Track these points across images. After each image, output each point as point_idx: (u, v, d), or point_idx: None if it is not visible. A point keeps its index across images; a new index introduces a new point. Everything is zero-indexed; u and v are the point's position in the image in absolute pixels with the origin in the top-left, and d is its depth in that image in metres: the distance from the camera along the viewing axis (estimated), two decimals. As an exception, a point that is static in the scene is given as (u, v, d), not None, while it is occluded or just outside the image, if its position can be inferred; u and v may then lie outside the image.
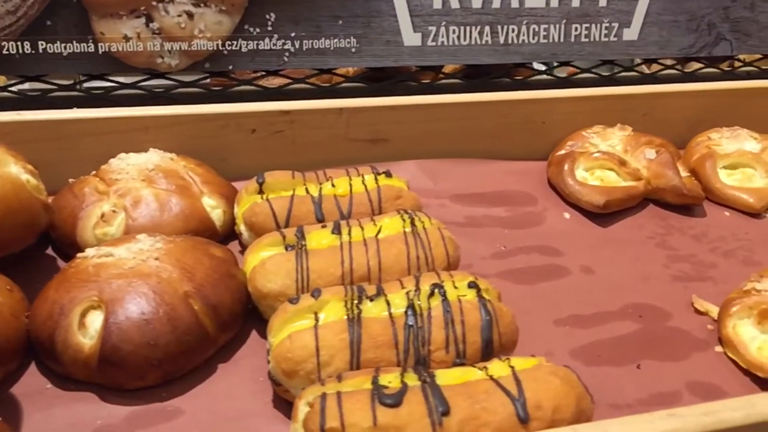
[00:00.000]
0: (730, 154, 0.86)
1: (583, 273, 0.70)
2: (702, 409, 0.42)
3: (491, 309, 0.53)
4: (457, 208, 0.80)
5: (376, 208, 0.68)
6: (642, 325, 0.63)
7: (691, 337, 0.62)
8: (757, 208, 0.81)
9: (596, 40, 0.98)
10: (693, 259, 0.73)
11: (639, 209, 0.82)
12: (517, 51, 0.96)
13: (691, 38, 1.03)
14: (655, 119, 0.94)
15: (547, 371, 0.45)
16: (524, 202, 0.81)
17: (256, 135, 0.80)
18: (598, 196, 0.78)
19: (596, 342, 0.60)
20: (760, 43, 1.06)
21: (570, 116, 0.90)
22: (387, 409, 0.41)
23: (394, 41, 0.90)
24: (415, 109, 0.85)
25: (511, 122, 0.89)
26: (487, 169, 0.86)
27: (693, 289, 0.67)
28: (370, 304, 0.52)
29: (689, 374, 0.57)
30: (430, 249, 0.60)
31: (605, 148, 0.86)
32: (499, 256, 0.72)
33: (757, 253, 0.74)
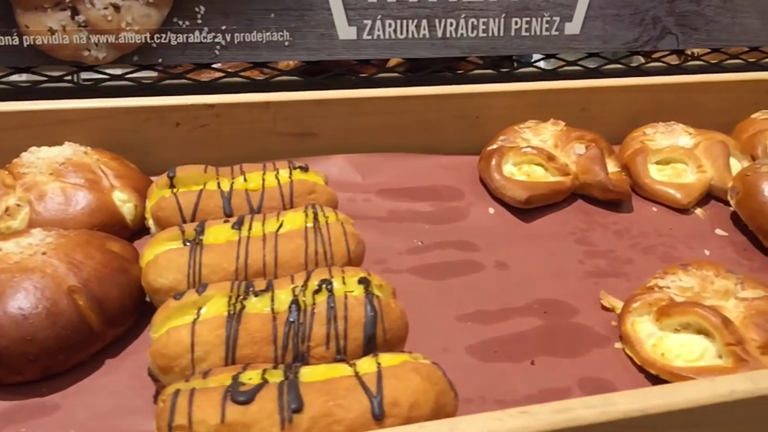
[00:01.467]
0: (662, 150, 0.86)
1: (496, 268, 0.70)
2: (555, 406, 0.42)
3: (377, 305, 0.53)
4: (382, 202, 0.79)
5: (287, 202, 0.68)
6: (545, 321, 0.63)
7: (593, 334, 0.62)
8: (684, 204, 0.81)
9: (537, 34, 0.97)
10: (610, 255, 0.73)
11: (566, 204, 0.81)
12: (455, 45, 0.95)
13: (635, 32, 1.02)
14: (593, 114, 0.93)
15: (409, 368, 0.45)
16: (451, 197, 0.81)
17: (180, 128, 0.80)
18: (520, 191, 0.78)
19: (496, 338, 0.60)
20: (708, 37, 1.06)
21: (505, 111, 0.90)
22: (237, 406, 0.41)
23: (328, 35, 0.90)
24: (344, 104, 0.84)
25: (444, 116, 0.89)
26: (419, 164, 0.86)
27: (605, 285, 0.67)
28: (255, 299, 0.52)
29: (583, 370, 0.57)
30: (330, 245, 0.60)
31: (537, 143, 0.85)
32: (415, 251, 0.71)
33: (677, 249, 0.74)
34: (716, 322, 0.56)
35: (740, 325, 0.57)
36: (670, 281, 0.62)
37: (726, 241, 0.76)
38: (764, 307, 0.58)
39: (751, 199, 0.75)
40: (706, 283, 0.61)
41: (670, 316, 0.58)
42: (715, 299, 0.60)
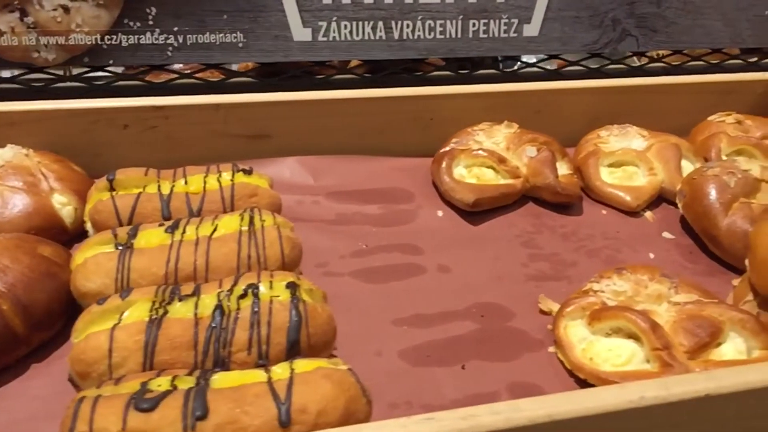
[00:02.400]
0: (614, 152, 0.86)
1: (438, 272, 0.70)
2: (461, 413, 0.42)
3: (303, 310, 0.53)
4: (330, 205, 0.79)
5: (228, 206, 0.67)
6: (481, 325, 0.63)
7: (528, 338, 0.62)
8: (632, 207, 0.81)
9: (495, 36, 0.97)
10: (554, 258, 0.73)
11: (516, 207, 0.82)
12: (412, 47, 0.95)
13: (594, 34, 1.02)
14: (549, 116, 0.93)
15: (321, 375, 0.45)
16: (401, 200, 0.81)
17: (129, 130, 0.79)
18: (468, 194, 0.78)
19: (430, 342, 0.60)
20: (668, 39, 1.06)
21: (460, 113, 0.90)
22: (139, 413, 0.41)
23: (282, 36, 0.90)
24: (298, 105, 0.84)
25: (398, 119, 0.88)
26: (372, 166, 0.86)
27: (546, 289, 0.67)
28: (179, 304, 0.52)
29: (514, 375, 0.57)
30: (264, 248, 0.60)
31: (489, 146, 0.85)
32: (359, 254, 0.71)
33: (623, 253, 0.74)
34: (644, 326, 0.56)
35: (670, 330, 0.58)
36: (605, 285, 0.62)
37: (672, 244, 0.76)
38: (695, 311, 0.58)
39: (696, 203, 0.75)
40: (640, 287, 0.61)
41: (601, 321, 0.59)
42: (647, 303, 0.60)
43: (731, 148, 0.89)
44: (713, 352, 0.57)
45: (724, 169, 0.75)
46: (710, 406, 0.45)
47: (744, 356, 0.57)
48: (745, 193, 0.74)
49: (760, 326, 0.57)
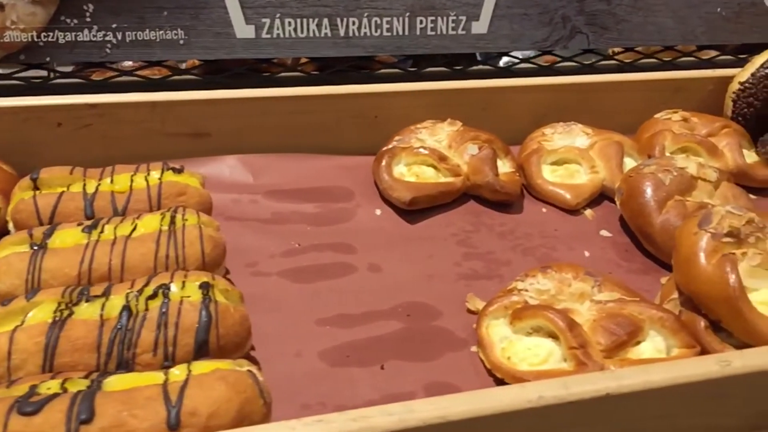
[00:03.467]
0: (557, 150, 0.86)
1: (369, 271, 0.69)
2: (353, 414, 0.41)
3: (213, 310, 0.52)
4: (268, 203, 0.78)
5: (155, 205, 0.67)
6: (406, 325, 0.62)
7: (452, 337, 0.61)
8: (572, 205, 0.80)
9: (443, 33, 0.97)
10: (489, 257, 0.72)
11: (457, 205, 0.81)
12: (359, 44, 0.95)
13: (544, 31, 1.02)
14: (496, 114, 0.93)
15: (216, 377, 0.44)
16: (340, 198, 0.81)
17: (62, 129, 0.78)
18: (405, 193, 0.77)
19: (352, 342, 0.60)
20: (619, 36, 1.06)
21: (405, 110, 0.89)
22: (21, 417, 0.40)
23: (225, 33, 0.89)
24: (237, 103, 0.83)
25: (342, 116, 0.88)
26: (314, 165, 0.85)
27: (476, 288, 0.67)
28: (86, 305, 0.51)
29: (433, 375, 0.57)
30: (183, 248, 0.59)
31: (432, 144, 0.85)
32: (290, 253, 0.71)
33: (558, 251, 0.74)
34: (561, 325, 0.56)
35: (589, 328, 0.57)
36: (529, 284, 0.61)
37: (609, 242, 0.76)
38: (615, 310, 0.58)
39: (632, 200, 0.75)
40: (564, 285, 0.61)
41: (521, 320, 0.58)
42: (570, 302, 0.60)
43: (676, 146, 0.89)
44: (631, 351, 0.56)
45: (660, 166, 0.75)
46: (612, 405, 0.45)
47: (663, 354, 0.56)
48: (681, 191, 0.74)
49: (679, 324, 0.57)
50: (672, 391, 0.46)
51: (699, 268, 0.57)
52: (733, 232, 0.58)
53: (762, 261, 0.56)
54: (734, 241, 0.58)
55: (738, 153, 0.88)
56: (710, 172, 0.75)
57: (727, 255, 0.57)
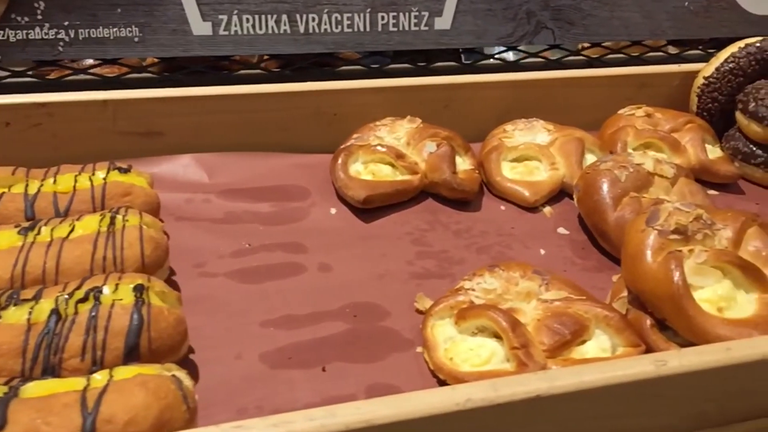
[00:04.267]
0: (517, 147, 0.85)
1: (318, 271, 0.68)
2: (274, 419, 0.40)
3: (146, 313, 0.51)
4: (221, 203, 0.77)
5: (98, 205, 0.65)
6: (352, 326, 0.61)
7: (398, 338, 0.60)
8: (530, 202, 0.79)
9: (405, 29, 0.96)
10: (442, 256, 0.71)
11: (414, 204, 0.80)
12: (319, 41, 0.94)
13: (509, 27, 1.01)
14: (458, 110, 0.92)
15: (137, 382, 0.43)
16: (295, 197, 0.79)
17: (11, 128, 0.77)
18: (359, 191, 0.76)
19: (295, 344, 0.59)
20: (585, 32, 1.05)
21: (365, 108, 0.88)
22: (-72, 425, 0.39)
23: (181, 30, 0.87)
24: (191, 102, 0.82)
25: (300, 114, 0.87)
26: (271, 163, 0.84)
27: (427, 287, 0.66)
28: (13, 309, 0.50)
29: (376, 376, 0.56)
30: (122, 250, 0.58)
31: (391, 141, 0.84)
32: (240, 254, 0.70)
33: (514, 249, 0.73)
34: (503, 325, 0.55)
35: (534, 328, 0.56)
36: (476, 283, 0.60)
37: (566, 240, 0.75)
38: (561, 309, 0.57)
39: (587, 197, 0.74)
40: (510, 284, 0.60)
41: (466, 320, 0.57)
42: (516, 301, 0.59)
43: (638, 142, 0.88)
44: (575, 350, 0.56)
45: (617, 163, 0.74)
46: (543, 407, 0.44)
47: (608, 354, 0.56)
48: (637, 188, 0.73)
49: (624, 323, 0.56)
50: (606, 392, 0.45)
51: (645, 265, 0.57)
52: (679, 229, 0.58)
53: (708, 258, 0.56)
54: (681, 238, 0.57)
55: (700, 148, 0.87)
56: (667, 169, 0.75)
57: (673, 252, 0.56)
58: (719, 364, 0.47)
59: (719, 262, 0.56)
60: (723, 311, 0.54)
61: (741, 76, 0.92)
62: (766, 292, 0.55)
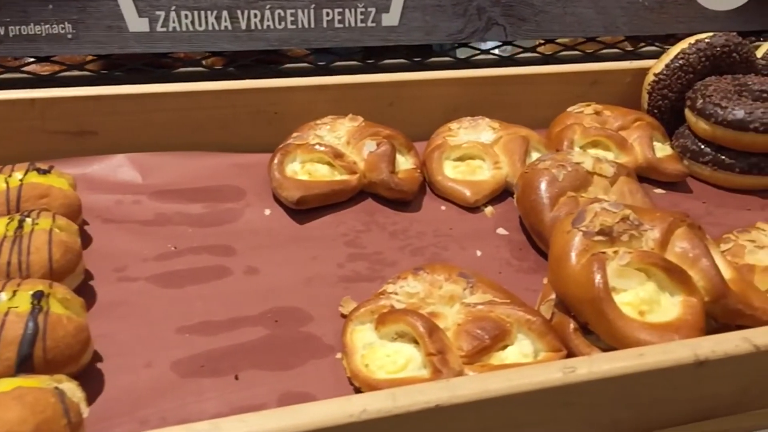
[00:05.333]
0: (460, 146, 0.83)
1: (245, 275, 0.66)
2: None
3: (42, 322, 0.49)
4: (152, 204, 0.75)
5: (13, 208, 0.63)
6: (272, 332, 0.59)
7: (319, 344, 0.59)
8: (470, 202, 0.78)
9: (352, 25, 0.94)
10: (375, 258, 0.70)
11: (352, 204, 0.78)
12: (261, 37, 0.91)
13: (459, 23, 0.99)
14: (404, 108, 0.90)
15: (13, 396, 0.41)
16: (230, 198, 0.77)
17: (-66, 128, 0.75)
18: (294, 191, 0.74)
19: (209, 351, 0.57)
20: (538, 28, 1.03)
21: (307, 106, 0.86)
22: None
23: (117, 27, 0.85)
24: (125, 100, 0.80)
25: (240, 112, 0.85)
26: (208, 163, 0.82)
27: (355, 291, 0.64)
28: None
29: (291, 384, 0.54)
30: (28, 255, 0.56)
31: (331, 140, 0.82)
32: (164, 257, 0.67)
33: (449, 250, 0.71)
34: (420, 330, 0.53)
35: (454, 333, 0.55)
36: (399, 287, 0.59)
37: (504, 240, 0.74)
38: (483, 313, 0.56)
39: (525, 197, 0.72)
40: (434, 288, 0.58)
41: (385, 325, 0.55)
42: (439, 305, 0.57)
43: (585, 140, 0.87)
44: (495, 356, 0.54)
45: (555, 162, 0.73)
46: (445, 417, 0.42)
47: (529, 359, 0.54)
48: (575, 187, 0.71)
49: (546, 327, 0.55)
50: (511, 401, 0.43)
51: (568, 268, 0.55)
52: (604, 231, 0.56)
53: (632, 260, 0.54)
54: (606, 239, 0.56)
55: (648, 147, 0.86)
56: (606, 168, 0.73)
57: (597, 254, 0.55)
58: (632, 371, 0.45)
59: (643, 264, 0.54)
60: (645, 315, 0.52)
61: (691, 72, 0.91)
62: (691, 294, 0.54)
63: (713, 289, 0.54)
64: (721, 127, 0.83)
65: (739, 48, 0.92)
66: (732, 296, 0.54)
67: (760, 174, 0.84)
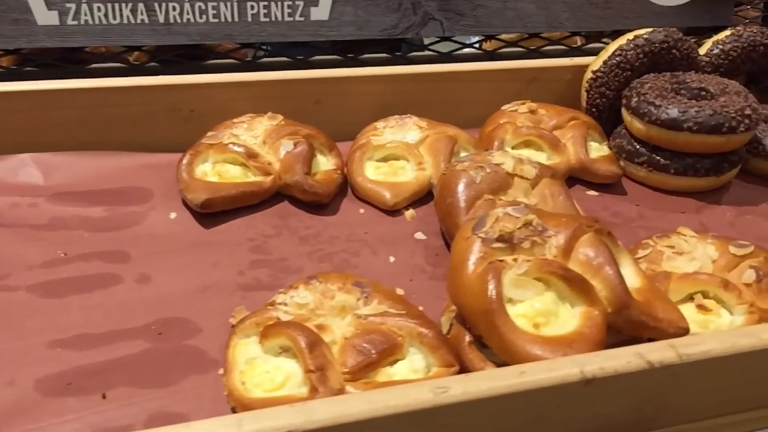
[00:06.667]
0: (384, 145, 0.80)
1: (136, 283, 0.62)
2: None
3: None
4: (49, 207, 0.71)
5: None
6: (153, 345, 0.55)
7: (203, 358, 0.55)
8: (390, 205, 0.74)
9: (278, 19, 0.90)
10: (279, 264, 0.66)
11: (267, 207, 0.74)
12: (182, 32, 0.87)
13: (393, 18, 0.95)
14: (331, 107, 0.86)
15: None
16: (135, 201, 0.73)
17: None
18: (200, 194, 0.70)
19: (80, 367, 0.53)
20: (477, 23, 1.00)
21: (225, 103, 0.82)
22: None
23: (24, 20, 0.81)
24: (28, 96, 0.76)
25: (154, 110, 0.80)
26: (117, 163, 0.78)
27: (253, 300, 0.60)
28: None
29: (164, 403, 0.50)
30: None
31: (248, 139, 0.78)
32: (52, 264, 0.63)
33: (360, 256, 0.67)
34: (301, 345, 0.49)
35: (341, 347, 0.51)
36: (290, 297, 0.55)
37: (421, 245, 0.70)
38: (373, 326, 0.52)
39: (441, 200, 0.68)
40: (326, 298, 0.54)
41: (268, 338, 0.52)
42: (330, 317, 0.54)
43: (517, 140, 0.83)
44: (383, 372, 0.50)
45: (474, 163, 0.69)
46: (298, 445, 0.39)
47: (420, 375, 0.50)
48: (493, 189, 0.68)
49: (439, 341, 0.51)
50: (375, 425, 0.40)
51: (464, 277, 0.51)
52: (504, 237, 0.52)
53: (529, 269, 0.51)
54: (506, 246, 0.52)
55: (581, 147, 0.82)
56: (528, 169, 0.69)
57: (494, 263, 0.51)
58: (512, 390, 0.42)
59: (542, 273, 0.51)
60: (540, 327, 0.49)
61: (629, 70, 0.88)
62: (593, 305, 0.50)
63: (615, 299, 0.50)
64: (655, 127, 0.80)
65: (680, 44, 0.89)
66: (635, 307, 0.50)
67: (696, 175, 0.81)
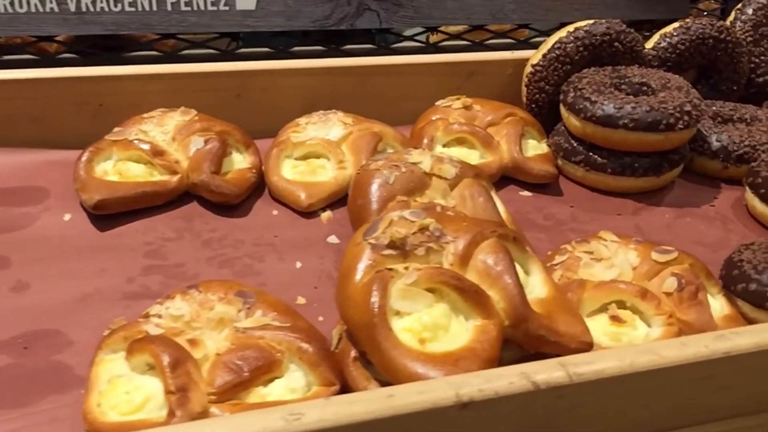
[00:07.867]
0: (303, 143, 0.75)
1: (11, 291, 0.57)
2: None
3: None
4: (-67, 209, 0.66)
5: None
6: (15, 360, 0.50)
7: (69, 375, 0.50)
8: (304, 206, 0.69)
9: (201, 9, 0.85)
10: (174, 271, 0.61)
11: (173, 207, 0.69)
12: (96, 21, 0.82)
13: (325, 8, 0.91)
14: (252, 101, 0.82)
15: None
16: (28, 201, 0.68)
17: None
18: (94, 194, 0.65)
19: (-72, 386, 0.48)
20: (416, 14, 0.95)
21: (137, 97, 0.77)
22: None
23: None
24: None
25: (58, 104, 0.75)
26: (16, 161, 0.73)
27: (136, 310, 0.55)
28: None
29: (14, 426, 0.45)
30: None
31: (157, 135, 0.73)
32: None
33: (264, 262, 0.63)
34: (163, 363, 0.44)
35: (213, 364, 0.46)
36: (165, 308, 0.50)
37: (332, 250, 0.65)
38: (251, 340, 0.47)
39: (353, 201, 0.64)
40: (204, 309, 0.50)
41: (134, 354, 0.47)
42: (206, 330, 0.49)
43: (448, 137, 0.79)
44: (255, 392, 0.46)
45: (389, 161, 0.65)
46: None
47: (298, 395, 0.46)
48: (408, 190, 0.63)
49: (320, 357, 0.47)
50: (216, 459, 0.35)
51: (351, 287, 0.47)
52: (396, 243, 0.48)
53: (419, 279, 0.46)
54: (397, 253, 0.48)
55: (515, 144, 0.78)
56: (447, 168, 0.65)
57: (382, 271, 0.47)
58: (375, 417, 0.37)
59: (433, 282, 0.46)
60: (426, 343, 0.45)
61: (568, 63, 0.83)
62: (488, 318, 0.46)
63: (513, 311, 0.46)
64: (590, 124, 0.76)
65: (622, 37, 0.85)
66: (534, 320, 0.46)
67: (634, 175, 0.77)
